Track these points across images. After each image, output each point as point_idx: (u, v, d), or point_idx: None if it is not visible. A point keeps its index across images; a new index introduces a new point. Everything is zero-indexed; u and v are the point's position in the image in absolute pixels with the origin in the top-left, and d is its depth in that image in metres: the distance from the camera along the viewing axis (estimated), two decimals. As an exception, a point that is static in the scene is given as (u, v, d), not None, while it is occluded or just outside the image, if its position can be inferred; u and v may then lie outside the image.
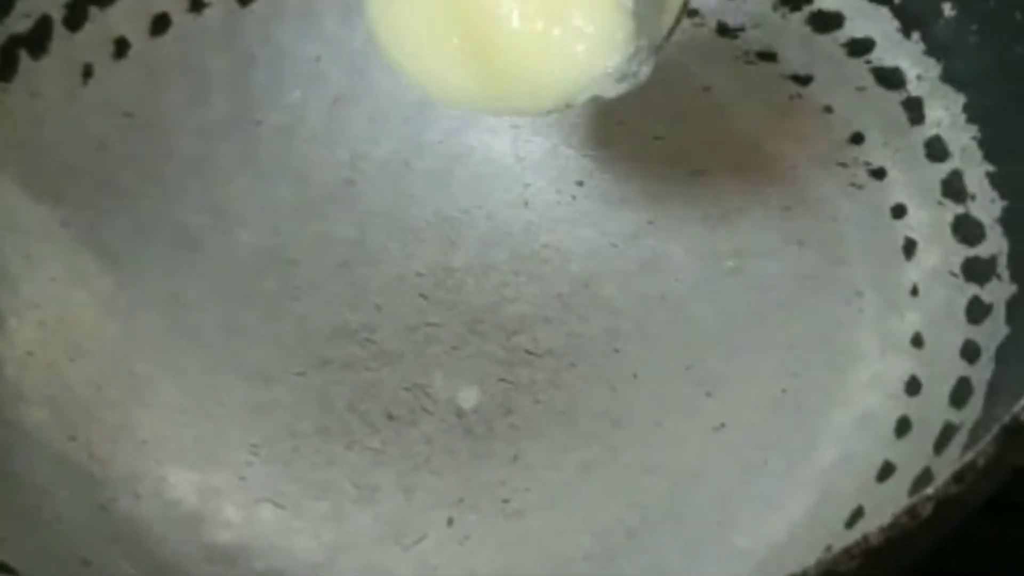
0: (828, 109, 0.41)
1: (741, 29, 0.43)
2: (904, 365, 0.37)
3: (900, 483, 0.34)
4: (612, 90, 0.34)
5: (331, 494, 0.38)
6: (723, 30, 0.43)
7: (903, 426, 0.36)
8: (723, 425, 0.38)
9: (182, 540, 0.36)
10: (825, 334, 0.39)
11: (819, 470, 0.36)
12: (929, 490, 0.24)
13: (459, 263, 0.42)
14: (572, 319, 0.41)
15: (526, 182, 0.44)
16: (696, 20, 0.43)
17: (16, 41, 0.40)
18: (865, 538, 0.24)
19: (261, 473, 0.38)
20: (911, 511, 0.24)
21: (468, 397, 0.40)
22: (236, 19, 0.43)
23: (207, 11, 0.43)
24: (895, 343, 0.38)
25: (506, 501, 0.37)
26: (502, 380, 0.40)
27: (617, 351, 0.40)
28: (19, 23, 0.40)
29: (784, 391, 0.38)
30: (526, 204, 0.43)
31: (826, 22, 0.41)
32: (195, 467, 0.38)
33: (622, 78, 0.33)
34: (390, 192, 0.43)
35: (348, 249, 0.42)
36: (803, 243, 0.41)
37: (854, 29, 0.41)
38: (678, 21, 0.35)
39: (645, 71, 0.34)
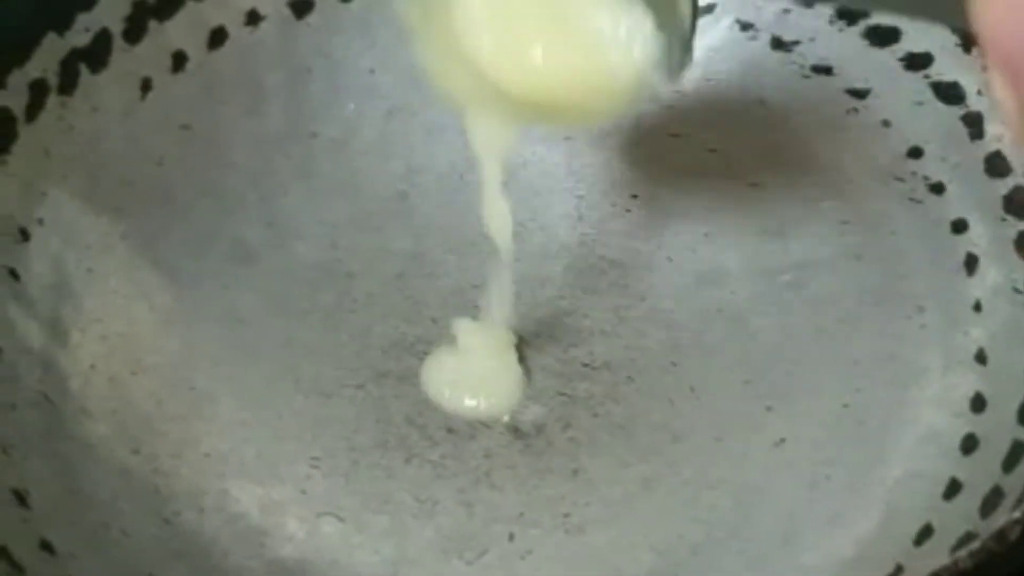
0: (885, 123, 0.41)
1: (796, 43, 0.42)
2: (969, 381, 0.37)
3: (968, 501, 0.34)
4: (661, 86, 0.34)
5: (391, 508, 0.38)
6: (778, 44, 0.43)
7: (969, 443, 0.36)
8: (784, 440, 0.38)
9: (245, 554, 0.37)
10: (887, 349, 0.39)
11: (885, 487, 0.36)
12: (1017, 513, 0.24)
13: (515, 276, 0.42)
14: (629, 332, 0.41)
15: (580, 194, 0.44)
16: (750, 34, 0.43)
17: (76, 55, 0.40)
18: (955, 562, 0.24)
19: (322, 487, 0.38)
20: (999, 535, 0.24)
21: (527, 411, 0.40)
22: (292, 32, 0.44)
23: (263, 24, 0.43)
24: (959, 359, 0.37)
25: (567, 516, 0.38)
26: (560, 394, 0.40)
27: (675, 365, 0.40)
28: (79, 37, 0.40)
29: (846, 406, 0.38)
30: (580, 217, 0.43)
31: (883, 36, 0.41)
32: (257, 481, 0.38)
33: (667, 71, 0.33)
34: (445, 205, 0.44)
35: (404, 262, 0.43)
36: (862, 257, 0.41)
37: (912, 43, 0.41)
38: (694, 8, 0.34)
39: (687, 60, 0.34)
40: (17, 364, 0.37)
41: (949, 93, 0.40)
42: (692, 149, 0.43)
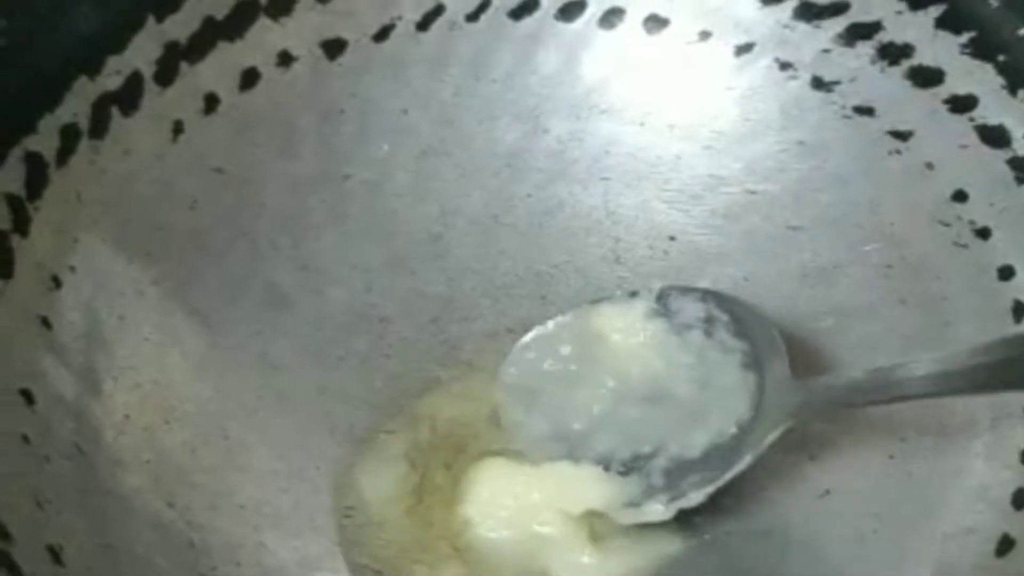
0: (929, 166, 0.41)
1: (837, 83, 0.42)
2: (1019, 434, 0.36)
3: (1022, 557, 0.33)
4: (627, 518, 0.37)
5: (428, 557, 0.37)
6: (818, 83, 0.42)
7: (1021, 498, 0.35)
8: (829, 492, 0.37)
9: (283, 609, 0.36)
10: (932, 400, 0.38)
11: (935, 542, 0.35)
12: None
13: (548, 318, 0.42)
14: (668, 376, 0.40)
15: (617, 237, 0.43)
16: (789, 73, 0.42)
17: (108, 98, 0.40)
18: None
19: (357, 537, 0.38)
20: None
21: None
22: (324, 73, 0.43)
23: (295, 65, 0.43)
24: (1008, 411, 0.37)
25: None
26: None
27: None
28: (110, 80, 0.40)
29: (892, 457, 0.37)
30: (618, 259, 0.43)
31: (927, 77, 0.40)
32: (293, 533, 0.37)
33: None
34: (480, 247, 0.43)
35: (439, 306, 0.42)
36: (905, 302, 0.40)
37: (956, 85, 0.40)
38: None
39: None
40: (50, 414, 0.36)
41: (995, 136, 0.39)
42: (730, 191, 0.43)
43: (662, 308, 0.40)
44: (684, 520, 0.37)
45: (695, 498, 0.37)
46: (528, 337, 0.40)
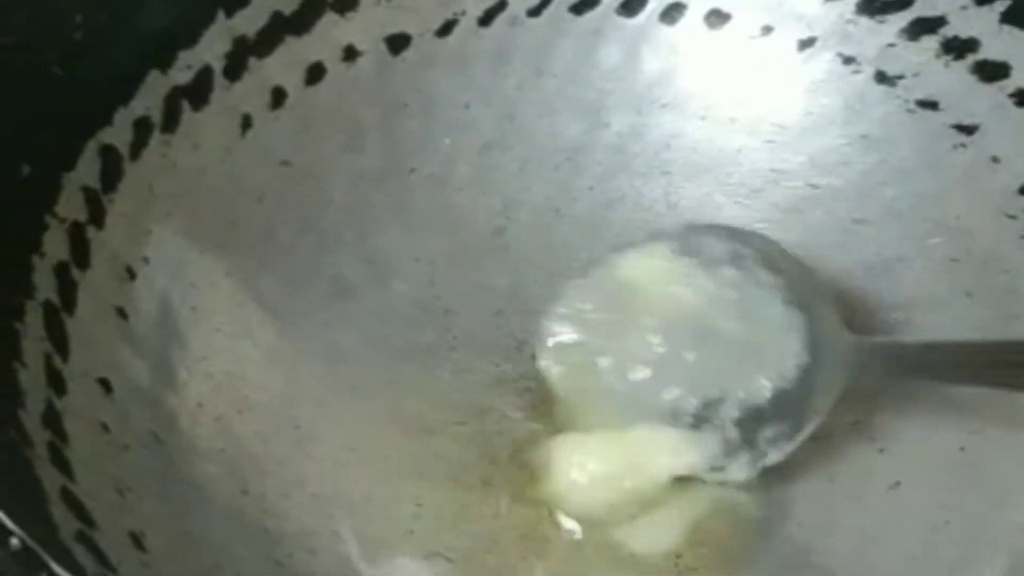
0: (995, 159, 0.41)
1: (901, 77, 0.42)
2: (1091, 425, 0.36)
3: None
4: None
5: (499, 548, 0.38)
6: (882, 77, 0.42)
7: (1093, 489, 0.35)
8: (899, 484, 0.37)
9: (357, 596, 0.36)
10: (1002, 391, 0.38)
11: (1006, 533, 0.35)
12: None
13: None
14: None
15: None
16: (853, 67, 0.43)
17: (179, 92, 0.40)
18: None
19: (429, 527, 0.38)
20: None
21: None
22: (388, 68, 0.43)
23: (360, 60, 0.43)
24: (1079, 401, 0.37)
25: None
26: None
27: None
28: (181, 74, 0.40)
29: (962, 449, 0.38)
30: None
31: (992, 71, 0.41)
32: (365, 521, 0.38)
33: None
34: (542, 240, 0.43)
35: (503, 298, 0.42)
36: (972, 295, 0.40)
37: (1022, 79, 0.40)
38: None
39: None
40: (128, 404, 0.37)
41: (1062, 130, 0.40)
42: (793, 184, 0.43)
43: (688, 247, 0.39)
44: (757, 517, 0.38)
45: (775, 457, 0.37)
46: (560, 307, 0.39)
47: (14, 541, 0.29)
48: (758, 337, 0.37)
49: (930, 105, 0.42)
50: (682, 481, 0.37)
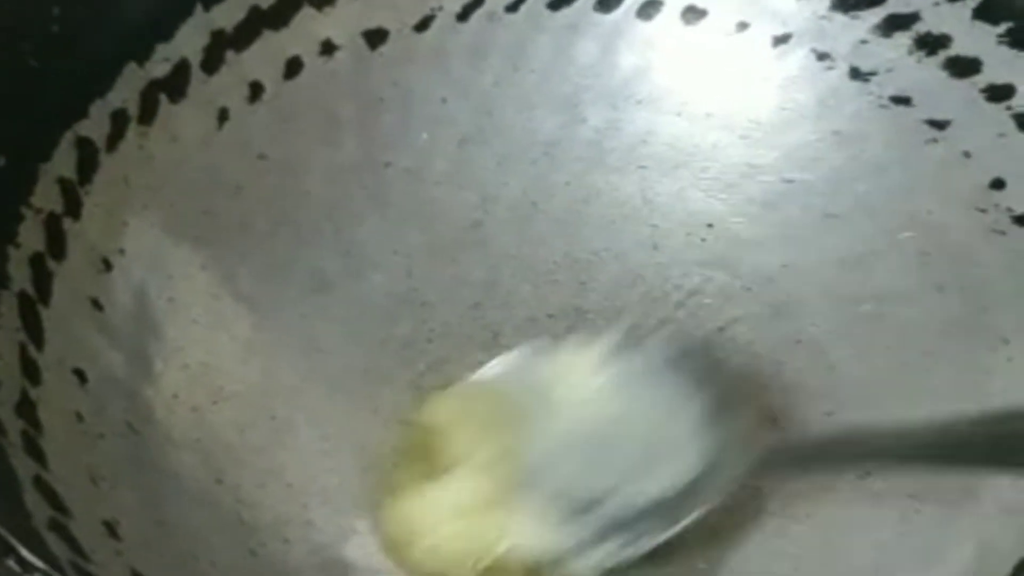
0: (966, 155, 0.41)
1: (874, 73, 0.42)
2: (1064, 414, 0.36)
3: (1065, 537, 0.34)
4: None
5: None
6: (855, 74, 0.42)
7: (1064, 478, 0.35)
8: (869, 474, 0.38)
9: (330, 586, 0.37)
10: (972, 382, 0.38)
11: (977, 521, 0.36)
12: None
13: (590, 305, 0.42)
14: (707, 363, 0.41)
15: (654, 224, 0.44)
16: (826, 63, 0.43)
17: (156, 85, 0.40)
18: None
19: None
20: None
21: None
22: (365, 62, 0.44)
23: (337, 54, 0.43)
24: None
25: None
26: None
27: (754, 396, 0.40)
28: (159, 67, 0.40)
29: (933, 438, 0.38)
30: (655, 247, 0.43)
31: (963, 67, 0.41)
32: (340, 511, 0.38)
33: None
34: (519, 234, 0.44)
35: (480, 291, 0.43)
36: (943, 288, 0.40)
37: (993, 75, 0.40)
38: None
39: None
40: (103, 394, 0.37)
41: (1032, 125, 0.40)
42: (767, 179, 0.43)
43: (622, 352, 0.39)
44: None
45: (645, 546, 0.36)
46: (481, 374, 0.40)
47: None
48: (659, 451, 0.37)
49: (903, 101, 0.42)
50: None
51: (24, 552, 0.29)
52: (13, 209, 0.37)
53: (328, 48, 0.43)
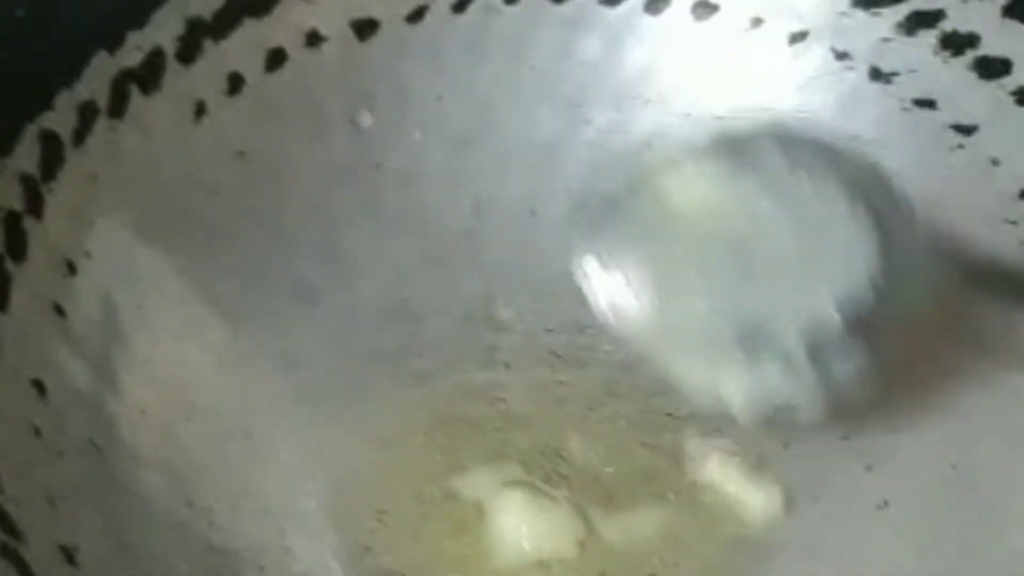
0: (994, 162, 0.39)
1: (896, 74, 0.40)
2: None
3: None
4: None
5: (461, 565, 0.36)
6: (876, 74, 0.40)
7: (1097, 512, 0.33)
8: (887, 503, 0.36)
9: (308, 618, 0.34)
10: (998, 405, 0.36)
11: (1001, 557, 0.33)
12: None
13: (591, 319, 0.40)
14: (715, 381, 0.38)
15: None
16: (846, 63, 0.41)
17: (127, 76, 0.38)
18: None
19: (388, 542, 0.36)
20: None
21: (607, 462, 0.37)
22: (354, 55, 0.41)
23: (324, 46, 0.41)
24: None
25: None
26: (644, 444, 0.38)
27: (767, 419, 0.38)
28: (131, 56, 0.38)
29: (954, 467, 0.36)
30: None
31: (992, 68, 0.39)
32: (319, 536, 0.36)
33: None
34: (516, 242, 0.41)
35: (473, 303, 0.40)
36: (969, 305, 0.38)
37: (1024, 77, 0.38)
38: None
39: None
40: (64, 408, 0.34)
41: (1066, 130, 0.38)
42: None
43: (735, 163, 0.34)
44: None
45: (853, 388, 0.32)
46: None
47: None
48: (820, 252, 0.33)
49: (927, 104, 0.40)
50: None
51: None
52: (-31, 206, 0.34)
53: (314, 39, 0.41)
